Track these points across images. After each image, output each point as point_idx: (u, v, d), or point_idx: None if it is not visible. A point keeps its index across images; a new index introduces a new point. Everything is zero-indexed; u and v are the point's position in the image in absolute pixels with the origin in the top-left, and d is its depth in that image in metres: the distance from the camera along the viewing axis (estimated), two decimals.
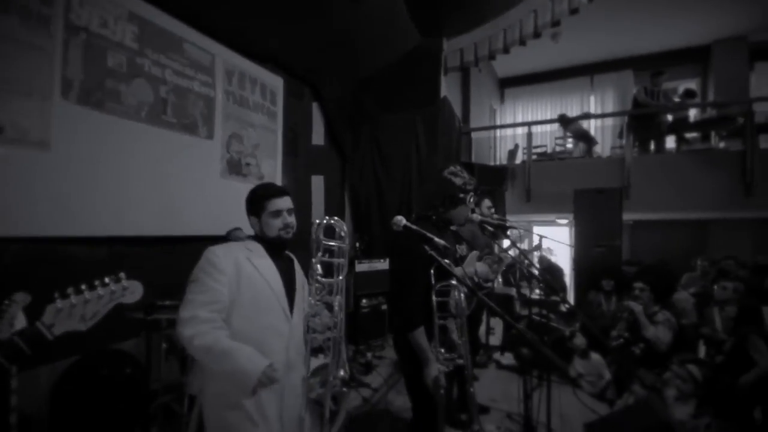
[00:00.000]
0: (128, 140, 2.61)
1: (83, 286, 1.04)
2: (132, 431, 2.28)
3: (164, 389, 2.32)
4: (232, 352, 1.21)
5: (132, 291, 1.10)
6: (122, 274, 1.10)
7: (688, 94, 6.14)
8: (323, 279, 1.38)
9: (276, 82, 3.96)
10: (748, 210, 5.17)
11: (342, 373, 1.21)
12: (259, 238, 1.47)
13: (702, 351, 3.38)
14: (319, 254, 1.39)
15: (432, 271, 1.53)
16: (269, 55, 3.78)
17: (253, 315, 1.32)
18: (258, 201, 1.44)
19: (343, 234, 1.44)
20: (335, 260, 1.43)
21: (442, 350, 1.55)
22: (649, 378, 2.83)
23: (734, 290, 3.40)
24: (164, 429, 2.22)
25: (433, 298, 1.55)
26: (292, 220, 1.45)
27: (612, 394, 3.08)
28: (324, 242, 1.40)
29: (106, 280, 1.07)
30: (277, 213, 1.42)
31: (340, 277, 1.41)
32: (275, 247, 1.47)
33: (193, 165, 3.08)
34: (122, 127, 2.58)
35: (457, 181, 1.74)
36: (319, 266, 1.38)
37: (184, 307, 1.24)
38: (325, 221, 1.43)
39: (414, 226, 1.41)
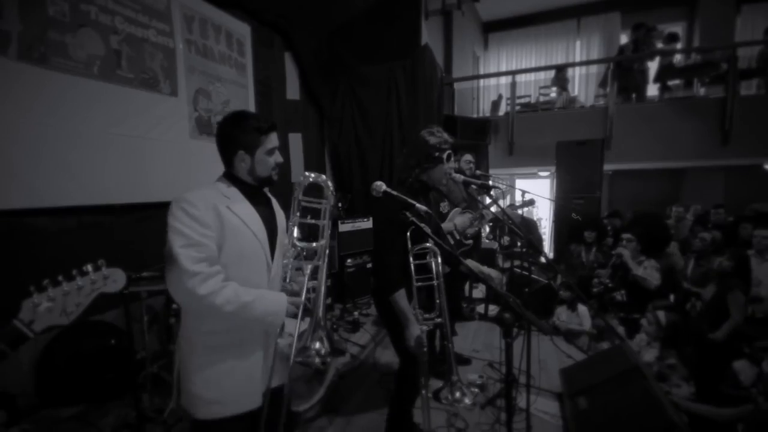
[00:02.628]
0: (82, 99, 2.37)
1: (60, 277, 0.95)
2: (122, 400, 2.29)
3: (151, 358, 2.31)
4: (254, 300, 1.17)
5: (114, 279, 1.02)
6: (102, 261, 1.00)
7: (671, 37, 6.00)
8: (301, 243, 1.27)
9: (243, 30, 3.62)
10: (724, 158, 5.28)
11: (318, 345, 1.13)
12: (235, 179, 1.29)
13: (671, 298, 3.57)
14: (297, 215, 1.27)
15: (408, 234, 1.52)
16: None
17: (237, 268, 1.21)
18: (252, 134, 1.25)
19: (330, 193, 1.31)
20: (319, 222, 1.29)
21: (421, 311, 1.58)
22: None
23: (712, 241, 3.54)
24: (155, 396, 2.23)
25: (411, 261, 1.54)
26: (282, 159, 1.33)
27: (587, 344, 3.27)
28: (304, 201, 1.28)
29: (85, 268, 0.98)
30: (273, 150, 1.29)
31: (323, 241, 1.28)
32: (255, 190, 1.32)
33: (159, 125, 2.86)
34: (73, 85, 2.33)
35: (432, 140, 1.69)
36: (296, 229, 1.27)
37: (180, 261, 1.10)
38: (310, 178, 1.29)
39: (394, 192, 1.35)
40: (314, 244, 1.28)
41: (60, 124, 2.27)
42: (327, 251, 1.29)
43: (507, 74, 6.67)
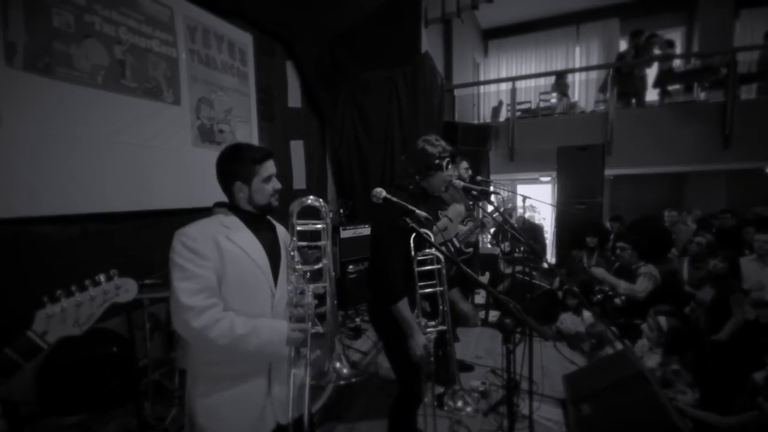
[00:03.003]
0: (86, 109, 2.40)
1: (73, 288, 0.96)
2: (124, 408, 2.29)
3: (153, 366, 2.31)
4: (249, 333, 1.16)
5: (126, 289, 1.03)
6: (114, 272, 1.01)
7: (669, 44, 6.05)
8: (305, 267, 1.28)
9: (244, 39, 3.67)
10: (726, 162, 5.28)
11: (338, 365, 1.15)
12: (236, 208, 1.31)
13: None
14: (295, 239, 1.27)
15: (411, 241, 1.50)
16: (234, 7, 3.47)
17: (239, 297, 1.22)
18: (247, 164, 1.28)
19: (324, 215, 1.31)
20: (320, 243, 1.30)
21: (425, 319, 1.56)
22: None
23: (707, 244, 3.53)
24: (156, 404, 2.23)
25: (415, 268, 1.53)
26: (280, 185, 1.36)
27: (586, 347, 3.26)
28: (300, 225, 1.28)
29: (98, 278, 0.98)
30: (269, 178, 1.31)
31: (325, 261, 1.29)
32: (256, 218, 1.34)
33: (162, 133, 2.89)
34: (77, 94, 2.36)
35: (431, 149, 1.70)
36: (296, 253, 1.27)
37: (177, 295, 1.12)
38: (304, 202, 1.29)
39: (394, 198, 1.35)
40: (315, 267, 1.29)
41: (64, 133, 2.30)
42: (332, 273, 1.29)
43: (507, 80, 6.71)
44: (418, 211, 1.25)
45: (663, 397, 1.92)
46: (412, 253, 1.52)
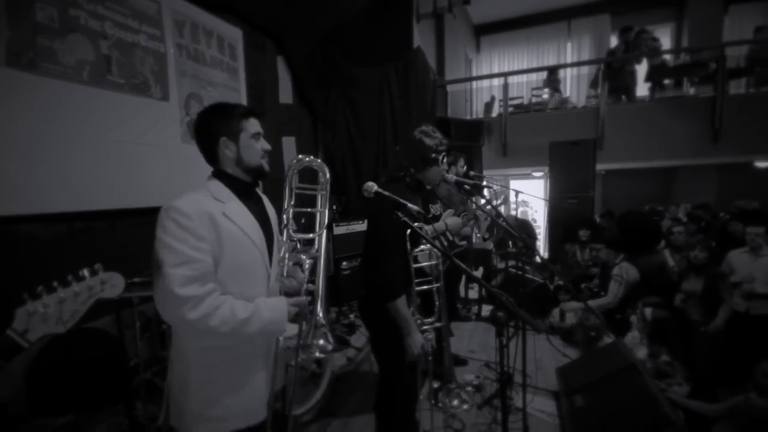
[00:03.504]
0: (72, 105, 2.35)
1: (55, 283, 0.89)
2: (115, 408, 2.26)
3: (144, 365, 2.28)
4: (251, 315, 1.08)
5: (112, 284, 0.96)
6: (98, 266, 0.94)
7: (652, 39, 6.11)
8: (298, 234, 1.19)
9: (234, 34, 3.62)
10: (715, 156, 5.34)
11: (321, 341, 1.10)
12: (223, 174, 1.18)
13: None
14: (292, 203, 1.20)
15: (407, 236, 1.47)
16: (223, 2, 3.42)
17: (236, 280, 1.12)
18: (233, 119, 1.16)
19: (324, 178, 1.23)
20: (316, 210, 1.23)
21: (420, 317, 1.55)
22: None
23: (686, 233, 3.59)
24: (148, 404, 2.21)
25: (411, 263, 1.49)
26: (269, 146, 1.24)
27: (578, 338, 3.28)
28: (298, 188, 1.20)
29: (81, 273, 0.92)
30: (258, 135, 1.20)
31: (320, 232, 1.22)
32: (245, 187, 1.22)
33: (151, 130, 2.85)
34: (62, 91, 2.31)
35: (428, 141, 1.67)
36: (292, 221, 1.19)
37: (169, 284, 0.99)
38: (303, 161, 1.21)
39: (386, 192, 1.33)
40: (311, 235, 1.21)
41: (49, 130, 2.25)
42: (324, 241, 1.22)
43: (499, 76, 6.71)
44: (410, 205, 1.23)
45: (654, 388, 1.94)
46: (409, 248, 1.49)
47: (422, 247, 1.47)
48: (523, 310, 1.30)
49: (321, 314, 1.13)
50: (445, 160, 1.71)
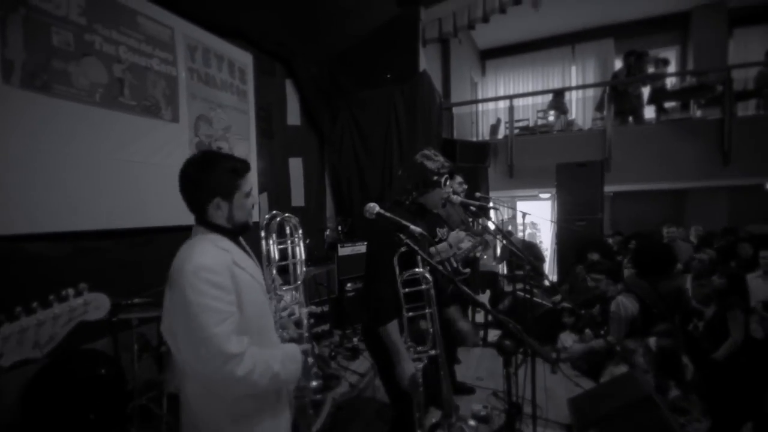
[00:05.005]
0: (83, 126, 2.40)
1: (35, 304, 0.84)
2: None
3: (140, 389, 2.22)
4: (282, 368, 1.11)
5: (96, 306, 0.91)
6: (83, 285, 0.90)
7: (663, 62, 6.15)
8: (285, 287, 1.22)
9: (244, 59, 3.71)
10: (726, 178, 5.26)
11: (314, 384, 1.10)
12: (214, 226, 1.16)
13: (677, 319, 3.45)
14: (275, 259, 1.21)
15: (396, 260, 1.41)
16: (234, 28, 3.53)
17: (255, 326, 1.14)
18: (229, 180, 1.13)
19: (292, 229, 1.27)
20: (290, 262, 1.26)
21: (413, 344, 1.47)
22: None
23: (709, 261, 3.46)
24: (143, 430, 2.13)
25: (400, 288, 1.44)
26: (257, 198, 1.30)
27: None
28: (276, 244, 1.23)
29: (64, 293, 0.87)
30: (250, 191, 1.19)
31: (298, 282, 1.24)
32: (236, 236, 1.22)
33: (159, 150, 2.89)
34: (75, 112, 2.37)
35: (430, 165, 1.66)
36: (277, 276, 1.21)
37: (218, 344, 0.99)
38: (273, 219, 1.24)
39: (388, 214, 1.31)
40: (289, 287, 1.24)
41: (61, 150, 2.29)
42: (302, 291, 1.24)
43: (505, 98, 6.77)
44: (412, 227, 1.20)
45: (674, 423, 1.83)
46: (397, 272, 1.44)
47: (415, 270, 1.40)
48: (530, 336, 1.24)
49: (310, 359, 1.17)
50: (447, 182, 1.68)
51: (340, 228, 4.46)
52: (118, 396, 2.22)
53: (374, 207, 1.32)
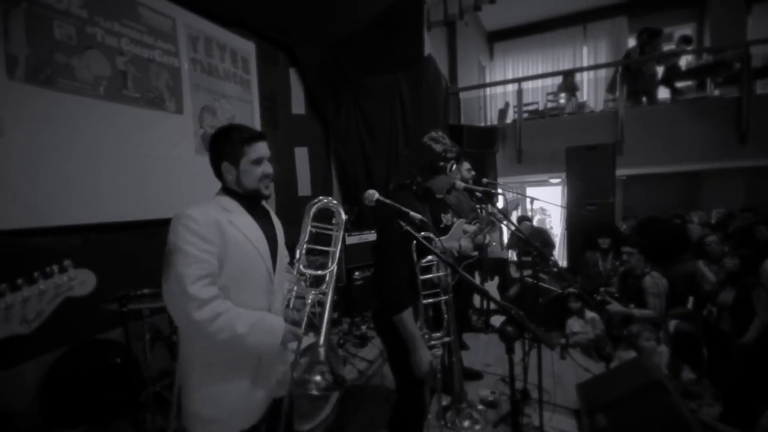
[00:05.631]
0: (87, 119, 2.41)
1: (20, 281, 0.85)
2: (126, 420, 2.26)
3: (154, 378, 2.28)
4: (247, 333, 1.14)
5: (81, 281, 0.92)
6: (68, 262, 0.91)
7: (685, 40, 5.91)
8: (308, 270, 1.24)
9: (247, 48, 3.68)
10: (743, 159, 5.10)
11: (318, 378, 1.07)
12: (231, 191, 1.29)
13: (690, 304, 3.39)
14: (305, 240, 1.25)
15: (413, 247, 1.42)
16: (236, 16, 3.49)
17: (238, 284, 1.20)
18: (236, 144, 1.25)
19: (341, 219, 1.30)
20: (329, 249, 1.28)
21: (428, 331, 1.47)
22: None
23: (714, 243, 3.39)
24: (157, 416, 2.19)
25: (418, 275, 1.44)
26: (272, 169, 1.30)
27: (609, 349, 3.12)
28: (314, 227, 1.26)
29: (49, 269, 0.89)
30: (259, 160, 1.26)
31: (332, 268, 1.25)
32: (252, 201, 1.31)
33: (164, 142, 2.90)
34: (79, 105, 2.38)
35: (437, 147, 1.61)
36: (304, 257, 1.24)
37: (177, 282, 1.09)
38: (319, 202, 1.28)
39: (387, 200, 1.29)
40: (320, 272, 1.26)
41: (66, 144, 2.31)
42: (334, 281, 1.25)
43: (513, 82, 6.63)
44: (412, 214, 1.18)
45: (684, 408, 1.81)
46: (415, 259, 1.44)
47: (429, 258, 1.41)
48: (539, 322, 1.22)
49: (322, 352, 1.13)
50: (454, 167, 1.65)
51: (346, 216, 4.46)
52: (133, 384, 2.28)
53: (374, 194, 1.31)
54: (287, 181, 4.13)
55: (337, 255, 1.28)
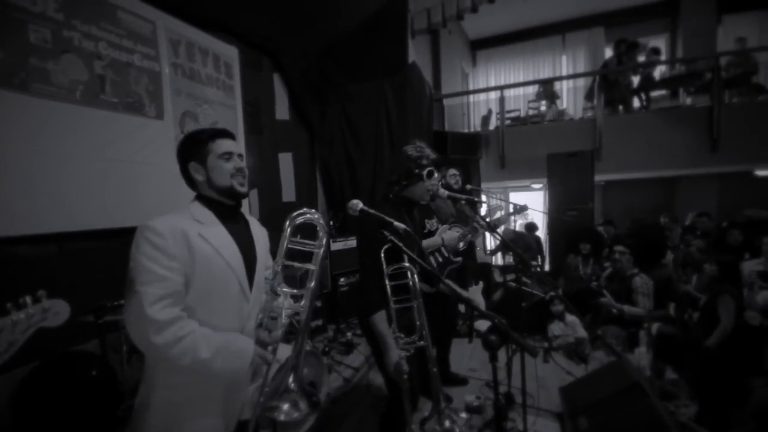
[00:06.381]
0: (64, 125, 2.35)
1: None
2: None
3: (131, 391, 2.21)
4: (212, 357, 1.05)
5: (56, 312, 0.91)
6: (42, 292, 0.90)
7: (655, 51, 6.15)
8: (286, 290, 1.13)
9: (230, 53, 3.65)
10: (715, 165, 5.31)
11: (286, 406, 1.00)
12: (205, 198, 1.21)
13: (671, 308, 3.50)
14: (283, 258, 1.12)
15: (382, 255, 1.46)
16: (218, 21, 3.46)
17: (207, 302, 1.11)
18: (200, 143, 1.19)
19: (321, 234, 1.17)
20: (308, 266, 1.15)
21: (402, 335, 1.51)
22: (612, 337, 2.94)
23: (698, 249, 3.50)
24: None
25: (386, 282, 1.50)
26: (244, 165, 1.23)
27: (588, 350, 3.18)
28: (292, 243, 1.13)
29: (22, 300, 0.87)
30: (227, 155, 1.19)
31: (311, 285, 1.14)
32: (227, 208, 1.22)
33: (144, 148, 2.84)
34: (55, 111, 2.31)
35: (413, 155, 1.67)
36: (280, 274, 1.13)
37: (140, 302, 0.99)
38: (302, 217, 1.14)
39: (371, 210, 1.30)
40: (296, 291, 1.15)
41: (41, 150, 2.24)
42: (310, 300, 1.14)
43: (495, 89, 6.75)
44: (396, 223, 1.20)
45: (662, 410, 1.86)
46: (384, 266, 1.47)
47: (402, 264, 1.46)
48: (522, 325, 1.24)
49: (291, 380, 1.05)
50: (433, 175, 1.68)
51: (332, 223, 4.45)
52: (110, 397, 2.20)
53: (358, 204, 1.31)
54: (271, 187, 4.09)
55: (316, 275, 1.16)
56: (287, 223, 1.14)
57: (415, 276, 1.47)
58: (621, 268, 3.48)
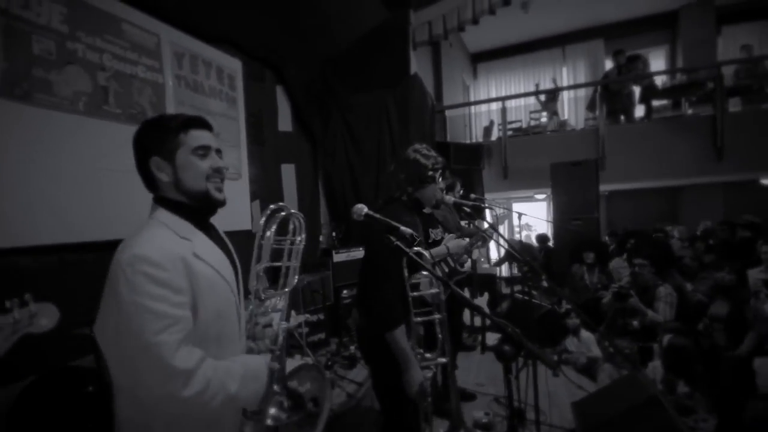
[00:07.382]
0: (66, 135, 2.34)
1: None
2: None
3: None
4: (241, 387, 0.90)
5: (43, 316, 0.82)
6: (28, 296, 0.82)
7: (642, 62, 6.21)
8: (270, 293, 1.03)
9: (233, 65, 3.67)
10: (720, 174, 5.26)
11: (273, 410, 0.91)
12: (171, 203, 0.96)
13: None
14: (265, 260, 1.01)
15: (405, 263, 1.37)
16: (222, 34, 3.49)
17: (214, 332, 0.96)
18: (168, 132, 0.94)
19: (297, 229, 1.07)
20: (289, 263, 1.05)
21: (422, 351, 1.42)
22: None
23: (698, 258, 3.43)
24: None
25: (409, 292, 1.39)
26: (224, 164, 1.00)
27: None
28: (275, 243, 1.02)
29: (8, 304, 0.80)
30: (203, 150, 0.95)
31: (287, 289, 1.04)
32: (202, 215, 1.01)
33: None
34: (57, 121, 2.30)
35: (424, 160, 1.62)
36: (263, 277, 1.02)
37: (158, 355, 0.82)
38: (278, 212, 1.03)
39: (377, 215, 1.25)
40: (283, 291, 1.05)
41: (43, 160, 2.22)
42: (287, 301, 1.04)
43: (496, 100, 6.79)
44: (403, 228, 1.15)
45: (680, 425, 1.78)
46: (406, 274, 1.39)
47: (421, 274, 1.37)
48: (532, 338, 1.19)
49: (274, 378, 0.96)
50: (441, 178, 1.65)
51: (334, 234, 4.40)
52: (107, 414, 2.13)
53: (362, 208, 1.26)
54: (274, 199, 4.06)
55: (294, 273, 1.05)
56: (266, 221, 1.02)
57: (440, 286, 1.36)
58: (644, 280, 3.37)
